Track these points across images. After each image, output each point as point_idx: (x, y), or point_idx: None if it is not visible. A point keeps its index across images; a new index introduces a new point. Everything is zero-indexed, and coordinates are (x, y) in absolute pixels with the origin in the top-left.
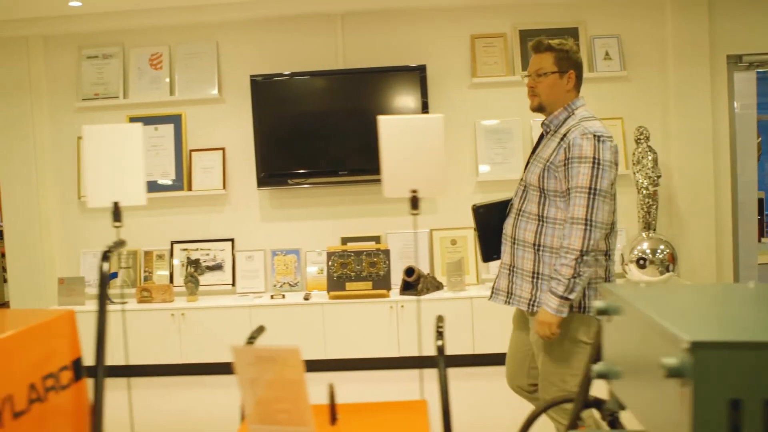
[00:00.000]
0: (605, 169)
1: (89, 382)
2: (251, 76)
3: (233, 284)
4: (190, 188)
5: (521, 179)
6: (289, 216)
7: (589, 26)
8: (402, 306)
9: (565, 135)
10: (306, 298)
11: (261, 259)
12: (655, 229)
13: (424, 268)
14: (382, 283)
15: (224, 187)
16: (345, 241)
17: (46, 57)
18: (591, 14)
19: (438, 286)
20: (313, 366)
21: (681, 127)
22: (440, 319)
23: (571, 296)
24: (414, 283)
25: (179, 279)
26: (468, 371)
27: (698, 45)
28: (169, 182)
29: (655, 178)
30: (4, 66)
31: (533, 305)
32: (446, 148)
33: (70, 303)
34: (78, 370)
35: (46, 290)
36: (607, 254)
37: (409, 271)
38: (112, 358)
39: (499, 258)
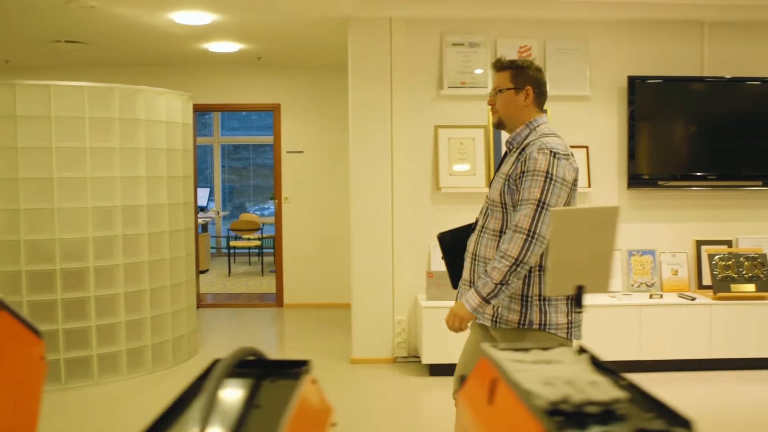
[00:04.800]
0: (556, 185)
1: None
2: (629, 76)
3: None
4: None
5: (487, 197)
6: (645, 217)
7: None
8: None
9: (523, 149)
10: (692, 299)
11: (617, 258)
12: None
13: None
14: (765, 285)
15: (589, 186)
16: (699, 243)
17: (407, 40)
18: None
19: None
20: (698, 365)
21: None
22: None
23: (493, 301)
24: None
25: None
26: None
27: None
28: None
29: None
30: (368, 46)
31: (496, 321)
32: None
33: (439, 297)
34: None
35: (401, 283)
36: None
37: None
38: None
39: None
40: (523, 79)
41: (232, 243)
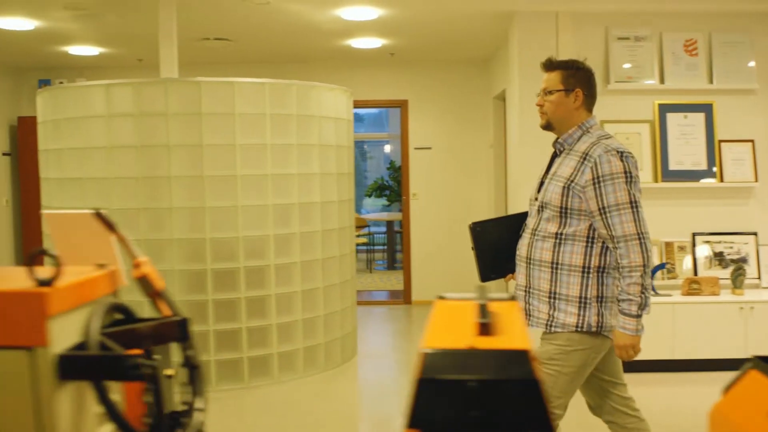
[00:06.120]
0: (636, 182)
1: None
2: None
3: (759, 278)
4: (721, 179)
5: (533, 199)
6: None
7: None
8: None
9: (586, 154)
10: None
11: None
12: None
13: None
14: None
15: (756, 180)
16: None
17: (573, 35)
18: None
19: None
20: None
21: None
22: None
23: (645, 311)
24: None
25: (701, 271)
26: None
27: None
28: (701, 172)
29: None
30: (533, 41)
31: (551, 326)
32: None
33: None
34: None
35: None
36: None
37: None
38: (659, 352)
39: (497, 278)
40: (573, 80)
41: None
